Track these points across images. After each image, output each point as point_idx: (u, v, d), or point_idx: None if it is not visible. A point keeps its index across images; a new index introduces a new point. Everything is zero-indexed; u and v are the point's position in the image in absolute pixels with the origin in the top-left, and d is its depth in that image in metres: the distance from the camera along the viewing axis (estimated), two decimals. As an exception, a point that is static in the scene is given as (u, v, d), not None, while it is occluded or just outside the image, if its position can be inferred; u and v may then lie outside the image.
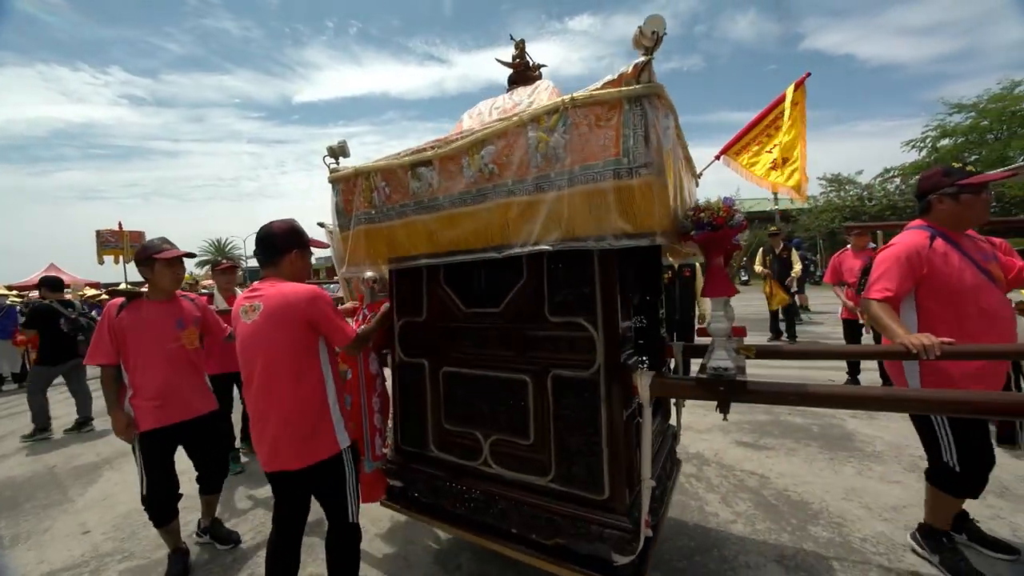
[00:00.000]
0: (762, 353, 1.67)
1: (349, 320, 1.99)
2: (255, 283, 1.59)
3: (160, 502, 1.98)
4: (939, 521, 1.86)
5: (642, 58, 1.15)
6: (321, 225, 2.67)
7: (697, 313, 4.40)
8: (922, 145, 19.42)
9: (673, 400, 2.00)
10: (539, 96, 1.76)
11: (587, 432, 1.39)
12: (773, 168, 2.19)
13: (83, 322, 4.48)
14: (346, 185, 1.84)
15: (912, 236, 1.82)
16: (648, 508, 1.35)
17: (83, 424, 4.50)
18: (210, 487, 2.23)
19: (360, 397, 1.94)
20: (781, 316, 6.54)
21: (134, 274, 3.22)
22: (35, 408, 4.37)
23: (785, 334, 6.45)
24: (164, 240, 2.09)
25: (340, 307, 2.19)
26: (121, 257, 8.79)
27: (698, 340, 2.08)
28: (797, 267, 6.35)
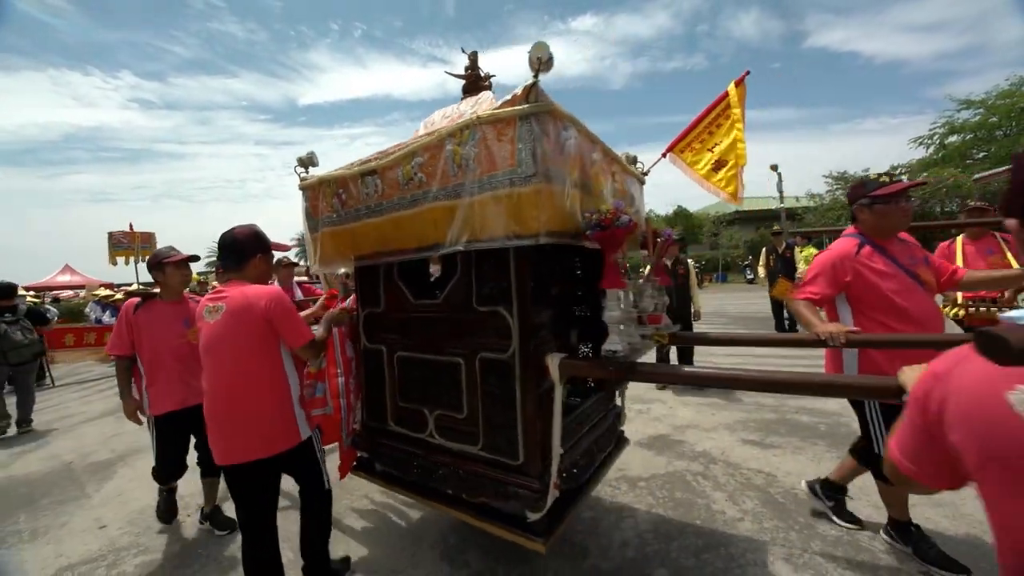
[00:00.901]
0: (680, 338, 1.82)
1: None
2: (220, 286, 1.73)
3: (169, 474, 2.37)
4: (898, 512, 1.96)
5: (531, 80, 1.32)
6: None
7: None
8: (929, 142, 19.14)
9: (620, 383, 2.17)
10: (480, 106, 1.93)
11: (506, 407, 1.59)
12: (715, 169, 2.28)
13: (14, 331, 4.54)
14: (312, 192, 2.08)
15: (841, 244, 1.95)
16: (557, 473, 1.55)
17: (22, 424, 4.58)
18: (211, 470, 2.39)
19: (337, 380, 2.19)
20: (786, 315, 6.51)
21: (145, 275, 3.57)
22: None
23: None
24: (171, 248, 2.43)
25: (304, 312, 2.23)
26: (132, 258, 9.01)
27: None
28: (803, 267, 6.30)
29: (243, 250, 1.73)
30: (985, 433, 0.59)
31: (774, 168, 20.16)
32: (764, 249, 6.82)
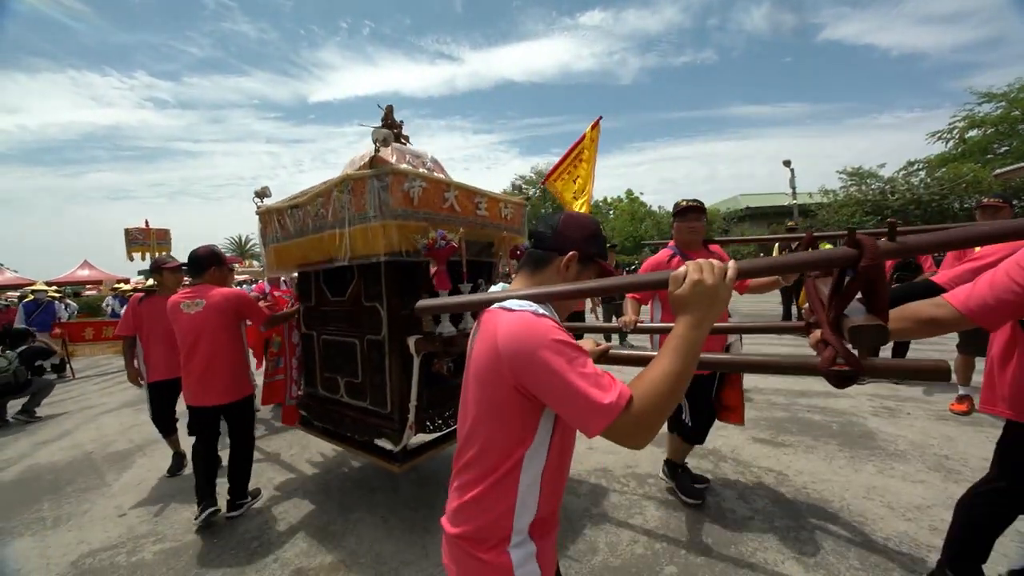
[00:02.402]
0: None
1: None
2: (190, 288, 2.55)
3: (162, 419, 3.19)
4: (677, 457, 2.56)
5: (373, 151, 1.99)
6: None
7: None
8: (949, 136, 18.32)
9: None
10: (365, 155, 2.63)
11: (382, 373, 2.28)
12: (575, 197, 2.89)
13: None
14: (264, 218, 2.82)
15: (660, 253, 2.51)
16: (413, 419, 2.23)
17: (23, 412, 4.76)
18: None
19: (286, 358, 2.95)
20: (795, 312, 6.63)
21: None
22: None
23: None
24: (169, 255, 3.26)
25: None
26: (148, 253, 9.20)
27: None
28: None
29: (201, 264, 2.58)
30: None
31: (787, 164, 19.79)
32: (776, 246, 6.66)
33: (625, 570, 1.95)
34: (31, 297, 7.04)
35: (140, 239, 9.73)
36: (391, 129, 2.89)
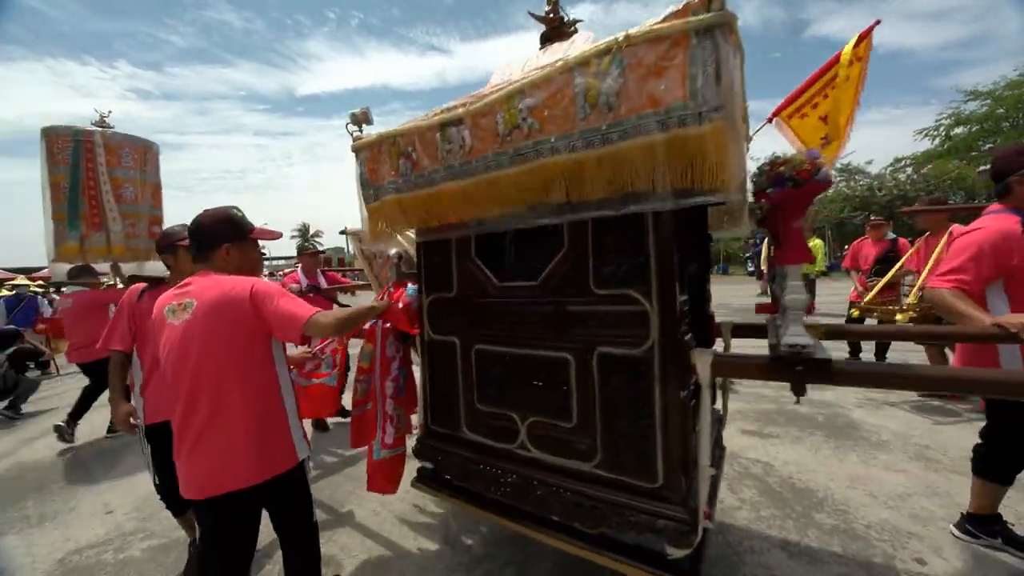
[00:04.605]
0: (831, 334, 1.51)
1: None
2: (190, 278, 1.36)
3: (174, 491, 1.94)
4: (987, 508, 1.82)
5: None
6: (343, 233, 2.60)
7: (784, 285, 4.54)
8: (935, 133, 19.08)
9: (719, 382, 1.86)
10: (574, 51, 1.60)
11: (638, 415, 1.27)
12: (825, 143, 1.94)
13: None
14: (371, 153, 1.72)
15: (998, 221, 1.65)
16: (707, 497, 1.23)
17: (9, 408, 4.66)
18: None
19: (375, 382, 1.87)
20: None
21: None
22: None
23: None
24: (184, 227, 2.01)
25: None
26: None
27: (748, 319, 1.92)
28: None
29: (205, 239, 1.38)
30: None
31: (777, 160, 20.09)
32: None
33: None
34: (12, 292, 6.73)
35: None
36: (561, 24, 1.86)
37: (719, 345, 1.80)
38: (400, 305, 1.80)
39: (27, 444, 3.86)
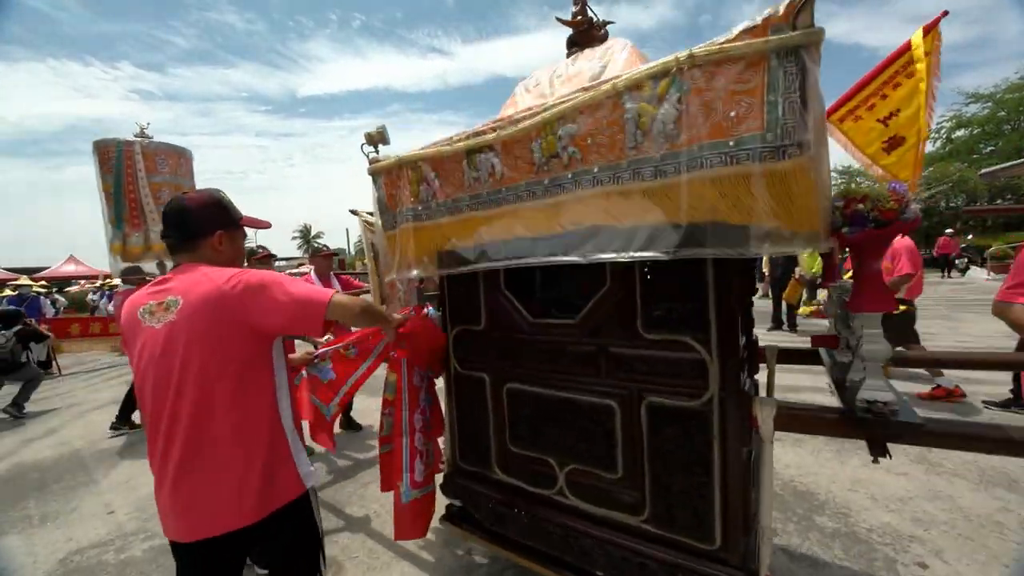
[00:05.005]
0: (897, 362, 1.38)
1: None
2: (168, 273, 1.13)
3: None
4: None
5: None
6: (354, 212, 2.46)
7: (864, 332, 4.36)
8: (936, 136, 19.05)
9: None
10: (613, 58, 1.45)
11: (694, 470, 1.16)
12: (889, 147, 1.76)
13: None
14: (388, 178, 1.59)
15: None
16: (769, 561, 1.13)
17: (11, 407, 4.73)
18: None
19: (402, 413, 1.76)
20: (785, 308, 6.36)
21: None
22: None
23: (786, 324, 6.32)
24: (259, 247, 1.93)
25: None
26: None
27: (788, 342, 1.79)
28: (809, 262, 5.77)
29: (194, 224, 1.12)
30: None
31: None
32: None
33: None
34: (15, 292, 6.79)
35: None
36: (590, 27, 1.70)
37: (763, 371, 1.69)
38: (416, 329, 1.65)
39: (29, 444, 3.86)
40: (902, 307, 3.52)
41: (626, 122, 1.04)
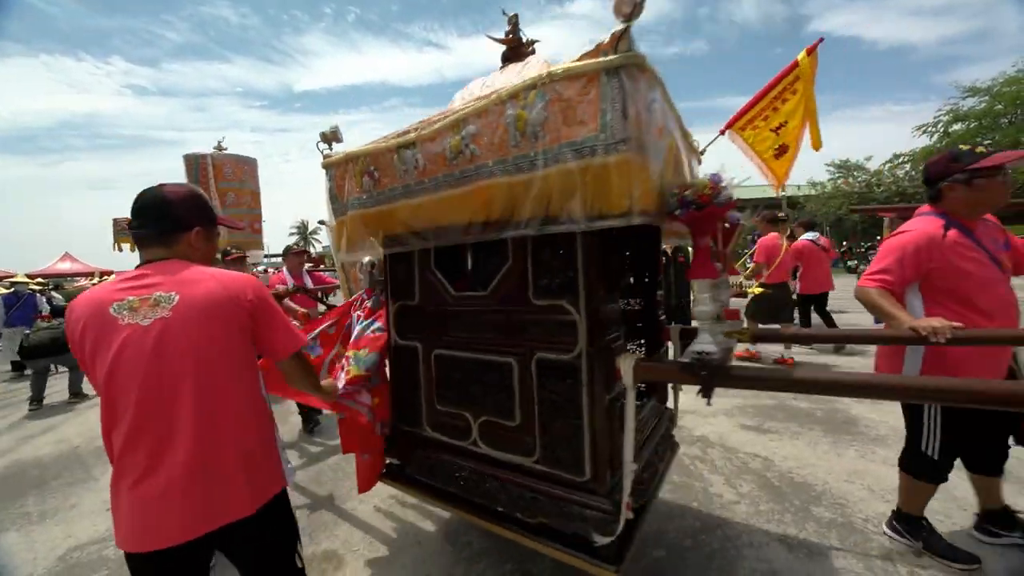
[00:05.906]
0: (758, 337, 1.61)
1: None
2: (138, 269, 1.10)
3: None
4: (915, 508, 1.87)
5: (620, 26, 1.09)
6: (321, 223, 2.71)
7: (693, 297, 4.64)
8: (933, 130, 18.95)
9: (671, 384, 1.97)
10: (529, 71, 1.70)
11: (570, 415, 1.39)
12: (778, 154, 2.03)
13: None
14: (338, 170, 1.85)
15: (925, 224, 1.72)
16: (630, 491, 1.35)
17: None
18: None
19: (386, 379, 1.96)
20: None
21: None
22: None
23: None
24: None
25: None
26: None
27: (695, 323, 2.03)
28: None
29: (175, 218, 1.12)
30: None
31: (776, 155, 20.04)
32: (752, 236, 6.64)
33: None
34: (10, 290, 6.74)
35: (128, 229, 9.07)
36: (519, 45, 1.97)
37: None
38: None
39: (27, 441, 3.90)
40: (763, 290, 4.29)
41: (509, 125, 1.29)
